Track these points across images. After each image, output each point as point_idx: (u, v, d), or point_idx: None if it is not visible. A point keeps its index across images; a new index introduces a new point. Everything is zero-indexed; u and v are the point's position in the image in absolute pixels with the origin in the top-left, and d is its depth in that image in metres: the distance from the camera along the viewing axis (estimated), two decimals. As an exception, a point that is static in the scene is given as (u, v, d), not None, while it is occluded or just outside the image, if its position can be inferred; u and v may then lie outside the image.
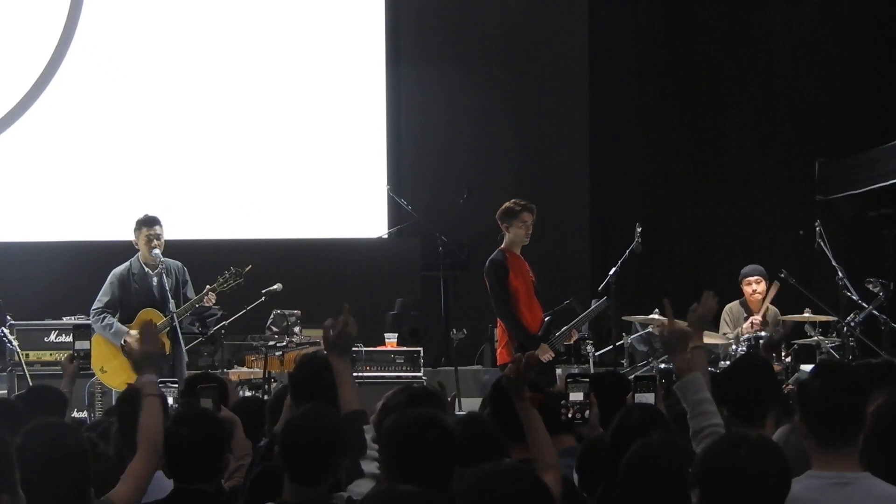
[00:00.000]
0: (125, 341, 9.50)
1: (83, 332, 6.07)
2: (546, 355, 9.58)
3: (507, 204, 9.79)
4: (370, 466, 4.32)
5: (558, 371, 9.95)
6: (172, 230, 10.07)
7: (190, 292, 9.72)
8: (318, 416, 4.36)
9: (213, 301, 9.71)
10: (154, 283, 9.67)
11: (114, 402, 9.19)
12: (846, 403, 3.96)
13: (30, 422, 4.20)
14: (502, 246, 9.77)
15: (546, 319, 9.76)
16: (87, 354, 5.90)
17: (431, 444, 3.92)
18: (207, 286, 9.67)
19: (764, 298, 11.31)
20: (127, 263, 9.76)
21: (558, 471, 4.50)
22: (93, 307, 9.72)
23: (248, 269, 9.82)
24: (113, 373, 9.56)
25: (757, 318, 11.05)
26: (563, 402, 4.95)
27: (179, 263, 9.80)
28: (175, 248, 10.00)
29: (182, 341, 9.58)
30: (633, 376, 5.37)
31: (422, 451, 3.90)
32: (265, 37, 13.55)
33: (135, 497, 4.39)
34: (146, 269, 9.69)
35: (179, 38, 13.37)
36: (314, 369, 5.13)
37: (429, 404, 4.60)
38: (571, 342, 9.97)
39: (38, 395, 6.30)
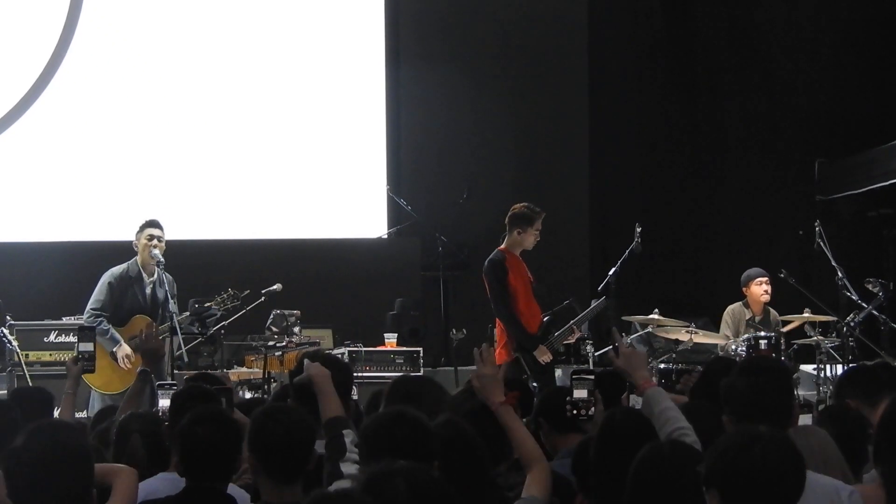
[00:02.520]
0: (114, 351, 9.50)
1: (87, 333, 6.05)
2: (544, 356, 9.59)
3: (521, 208, 9.79)
4: (349, 468, 4.36)
5: (558, 372, 9.96)
6: (173, 230, 10.06)
7: (173, 308, 9.65)
8: (285, 414, 4.47)
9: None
10: (148, 292, 9.67)
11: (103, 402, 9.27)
12: (772, 402, 4.00)
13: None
14: (502, 246, 9.78)
15: (545, 320, 9.77)
16: (91, 356, 5.90)
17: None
18: (208, 303, 9.70)
19: (769, 300, 11.38)
20: (125, 265, 9.73)
21: (544, 462, 4.59)
22: (89, 306, 9.67)
23: (245, 293, 9.85)
24: (96, 373, 9.52)
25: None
26: (567, 398, 4.96)
27: (171, 278, 9.78)
28: (175, 249, 9.99)
29: (176, 344, 9.53)
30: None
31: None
32: (265, 37, 13.54)
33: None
34: (143, 275, 9.68)
35: (179, 39, 13.37)
36: None
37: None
38: (572, 342, 9.97)
39: (22, 396, 6.29)
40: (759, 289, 11.35)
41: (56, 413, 6.10)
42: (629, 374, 4.78)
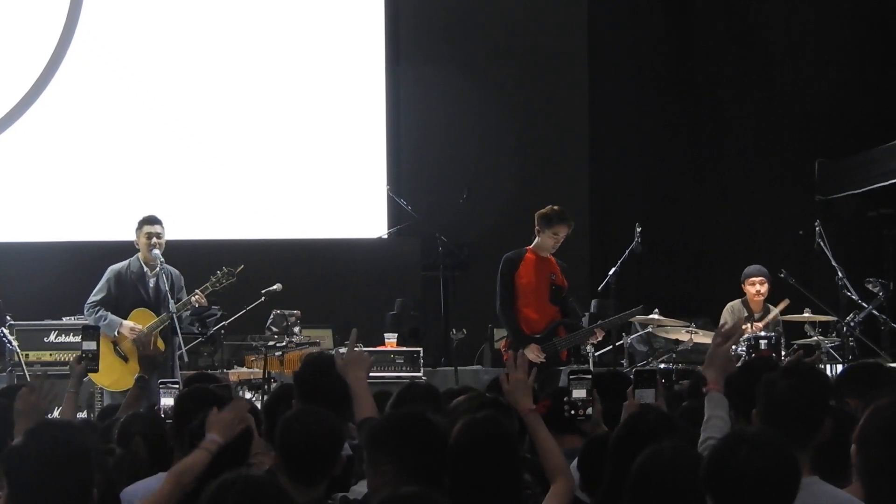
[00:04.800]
0: (118, 333, 9.50)
1: (91, 332, 6.04)
2: (531, 355, 9.56)
3: (547, 209, 9.73)
4: None
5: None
6: (172, 230, 10.06)
7: (173, 307, 9.63)
8: (314, 417, 4.45)
9: (203, 302, 9.68)
10: (151, 285, 9.67)
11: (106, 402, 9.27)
12: (808, 407, 4.00)
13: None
14: (531, 245, 9.73)
15: (557, 322, 9.68)
16: (94, 356, 5.88)
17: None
18: (198, 290, 9.64)
19: (765, 300, 11.33)
20: (126, 262, 9.76)
21: (568, 476, 4.52)
22: (88, 301, 9.70)
23: (240, 269, 9.80)
24: (103, 372, 9.50)
25: (759, 325, 11.01)
26: (565, 398, 4.93)
27: (177, 272, 9.77)
28: (174, 248, 9.99)
29: (177, 343, 9.51)
30: (633, 370, 5.35)
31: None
32: (265, 37, 13.54)
33: None
34: (145, 269, 9.69)
35: (179, 39, 13.37)
36: (319, 369, 5.17)
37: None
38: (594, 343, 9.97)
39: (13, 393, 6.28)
40: (752, 289, 11.28)
41: (57, 412, 6.09)
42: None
